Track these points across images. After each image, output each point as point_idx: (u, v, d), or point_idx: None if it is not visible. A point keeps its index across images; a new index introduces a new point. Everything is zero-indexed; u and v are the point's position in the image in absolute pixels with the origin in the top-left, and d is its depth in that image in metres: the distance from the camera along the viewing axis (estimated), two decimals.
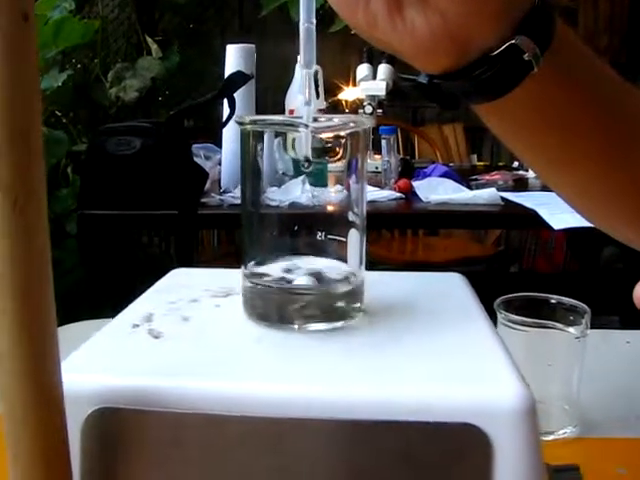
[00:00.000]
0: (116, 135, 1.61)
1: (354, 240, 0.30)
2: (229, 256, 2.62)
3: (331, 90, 2.72)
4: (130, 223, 1.74)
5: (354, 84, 2.24)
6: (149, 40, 3.00)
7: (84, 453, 0.23)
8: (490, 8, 0.40)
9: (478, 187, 1.76)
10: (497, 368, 0.25)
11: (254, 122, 0.29)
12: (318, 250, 0.30)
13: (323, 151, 0.28)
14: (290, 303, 0.29)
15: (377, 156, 2.04)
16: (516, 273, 3.48)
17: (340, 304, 0.30)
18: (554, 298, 0.58)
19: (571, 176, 0.52)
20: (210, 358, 0.27)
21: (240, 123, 0.29)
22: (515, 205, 1.58)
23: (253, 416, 0.22)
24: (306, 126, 0.27)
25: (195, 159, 1.71)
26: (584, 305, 0.57)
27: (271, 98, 2.62)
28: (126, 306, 0.33)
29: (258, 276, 0.30)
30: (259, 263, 0.31)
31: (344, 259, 0.31)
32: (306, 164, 0.27)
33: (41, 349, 0.21)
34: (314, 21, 0.33)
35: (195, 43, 3.66)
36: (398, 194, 1.72)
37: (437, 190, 1.68)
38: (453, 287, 0.36)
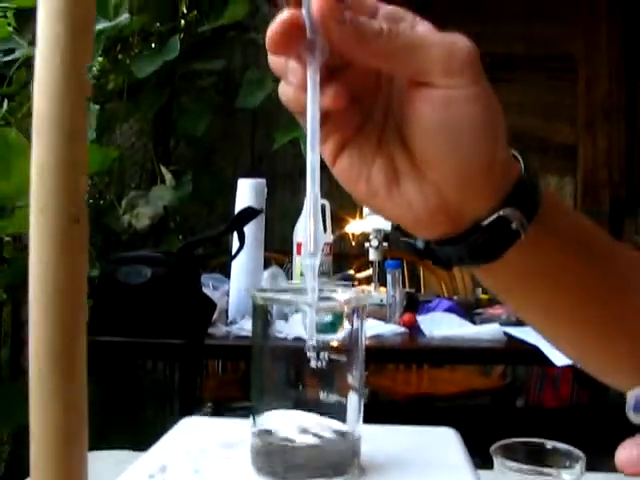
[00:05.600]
0: (128, 264, 1.66)
1: (353, 402, 0.32)
2: (233, 384, 2.61)
3: (338, 222, 2.80)
4: (138, 351, 1.76)
5: (361, 217, 2.30)
6: (163, 170, 3.11)
7: None
8: (480, 184, 0.44)
9: (482, 322, 1.78)
10: None
11: (264, 299, 0.32)
12: (321, 407, 0.33)
13: (325, 326, 0.32)
14: (293, 460, 0.32)
15: (382, 289, 2.07)
16: (522, 409, 3.43)
17: (338, 461, 0.32)
18: (549, 444, 0.60)
19: (563, 330, 0.55)
20: None
21: (253, 296, 0.33)
22: (518, 341, 1.60)
23: None
24: (310, 305, 0.30)
25: (204, 289, 1.75)
26: (579, 451, 0.58)
27: (280, 229, 2.70)
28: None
29: (266, 434, 0.33)
30: (266, 418, 0.33)
31: (343, 417, 0.33)
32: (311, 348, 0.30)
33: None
34: (319, 193, 0.37)
35: (207, 173, 3.79)
36: (402, 329, 1.74)
37: (441, 325, 1.71)
38: (445, 443, 0.38)
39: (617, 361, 0.56)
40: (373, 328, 1.71)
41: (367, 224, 2.19)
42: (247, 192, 1.80)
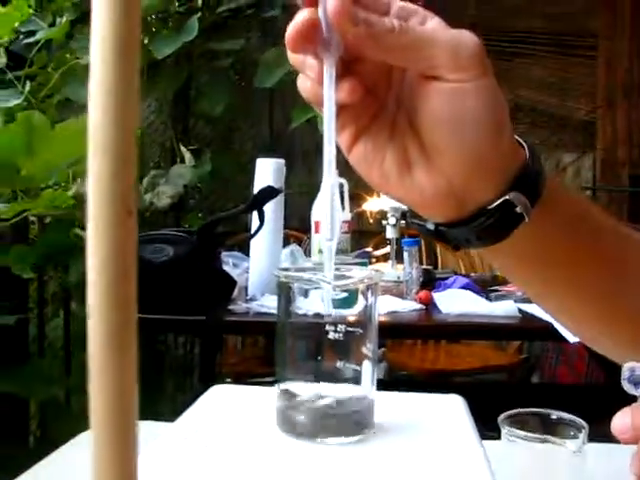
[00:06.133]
0: (150, 243, 1.70)
1: (367, 370, 0.36)
2: (252, 360, 2.66)
3: (356, 200, 2.82)
4: (160, 327, 1.80)
5: (379, 195, 2.33)
6: (183, 149, 3.14)
7: None
8: (487, 170, 0.47)
9: (497, 298, 1.81)
10: (473, 469, 0.31)
11: (287, 277, 0.36)
12: (339, 375, 0.36)
13: (342, 301, 0.35)
14: (314, 420, 0.35)
15: (399, 266, 2.10)
16: (537, 384, 3.47)
17: (355, 421, 0.36)
18: (555, 414, 0.63)
19: (564, 305, 0.58)
20: (249, 465, 0.33)
21: (277, 276, 0.36)
22: (532, 317, 1.62)
23: None
24: (328, 283, 0.34)
25: (224, 267, 1.79)
26: (582, 421, 0.62)
27: (298, 206, 2.73)
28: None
29: (289, 396, 0.37)
30: (289, 385, 0.37)
31: (358, 383, 0.37)
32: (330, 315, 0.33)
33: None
34: (336, 183, 0.40)
35: (226, 151, 3.82)
36: (419, 305, 1.77)
37: (457, 302, 1.74)
38: (452, 409, 0.41)
39: (615, 335, 0.59)
40: (390, 304, 1.75)
41: (385, 202, 2.21)
42: (266, 171, 1.83)
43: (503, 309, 1.66)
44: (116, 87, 0.24)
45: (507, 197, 0.47)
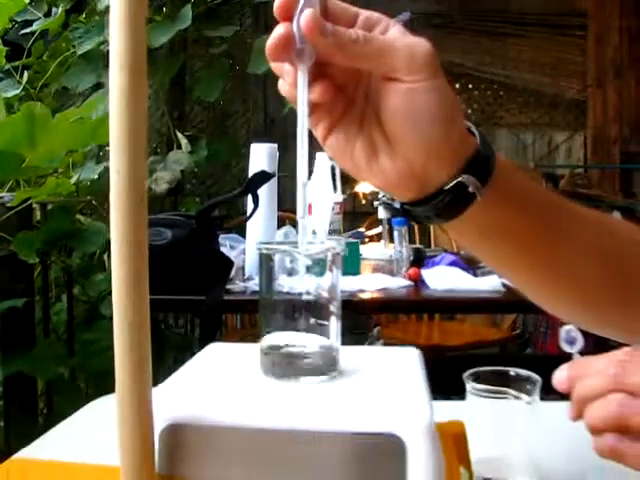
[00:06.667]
0: (150, 226, 1.77)
1: (333, 324, 0.45)
2: (251, 339, 2.75)
3: (350, 182, 2.90)
4: (161, 307, 1.88)
5: None
6: (179, 135, 3.21)
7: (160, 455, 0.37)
8: (441, 156, 0.54)
9: (483, 274, 1.89)
10: (415, 400, 0.40)
11: (267, 249, 0.44)
12: (310, 329, 0.45)
13: (314, 264, 0.43)
14: (290, 364, 0.44)
15: (391, 245, 2.18)
16: (527, 356, 3.56)
17: (322, 366, 0.45)
18: (513, 371, 0.72)
19: (519, 274, 0.67)
20: (244, 394, 0.43)
21: (259, 248, 0.44)
22: (515, 291, 1.70)
23: (273, 428, 0.38)
24: (300, 253, 0.42)
25: (222, 248, 1.87)
26: (537, 376, 0.70)
27: (292, 188, 2.80)
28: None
29: (270, 345, 0.45)
30: (271, 336, 0.46)
31: (327, 335, 0.45)
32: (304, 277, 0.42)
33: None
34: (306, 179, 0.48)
35: (222, 136, 3.88)
36: (408, 282, 1.85)
37: (444, 278, 1.82)
38: (407, 358, 0.50)
39: (561, 297, 0.68)
40: (381, 281, 1.83)
41: (382, 190, 2.27)
42: (260, 156, 1.89)
43: (488, 284, 1.74)
44: (130, 104, 0.32)
45: (460, 179, 0.55)
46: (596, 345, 1.05)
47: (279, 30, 0.49)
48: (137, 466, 0.35)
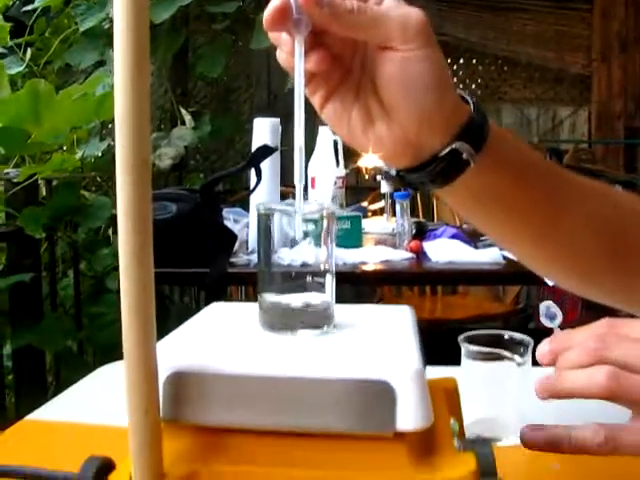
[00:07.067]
0: (154, 201, 1.79)
1: (328, 281, 0.47)
2: None
3: (352, 156, 2.91)
4: (167, 280, 1.91)
5: None
6: (183, 111, 3.22)
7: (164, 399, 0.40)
8: (435, 123, 0.56)
9: (485, 247, 1.91)
10: (404, 350, 0.42)
11: (265, 208, 0.46)
12: (308, 287, 0.47)
13: (310, 223, 0.46)
14: (288, 318, 0.46)
15: (394, 219, 2.19)
16: (530, 329, 3.59)
17: (318, 318, 0.47)
18: (507, 334, 0.74)
19: (514, 240, 0.69)
20: (243, 345, 0.45)
21: (257, 209, 0.46)
22: (515, 263, 1.72)
23: (270, 376, 0.40)
24: (296, 212, 0.44)
25: (225, 222, 1.89)
26: (529, 338, 0.73)
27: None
28: None
29: (268, 300, 0.48)
30: (269, 294, 0.48)
31: (323, 291, 0.48)
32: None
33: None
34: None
35: (225, 112, 3.89)
36: (410, 254, 1.87)
37: (445, 250, 1.84)
38: (399, 314, 0.52)
39: (559, 265, 0.69)
40: (383, 254, 1.85)
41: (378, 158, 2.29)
42: (263, 130, 1.90)
43: (488, 256, 1.76)
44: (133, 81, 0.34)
45: (454, 146, 0.57)
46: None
47: (276, 1, 0.51)
48: (143, 411, 0.37)
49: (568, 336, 0.52)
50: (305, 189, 0.46)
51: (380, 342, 0.45)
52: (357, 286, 2.90)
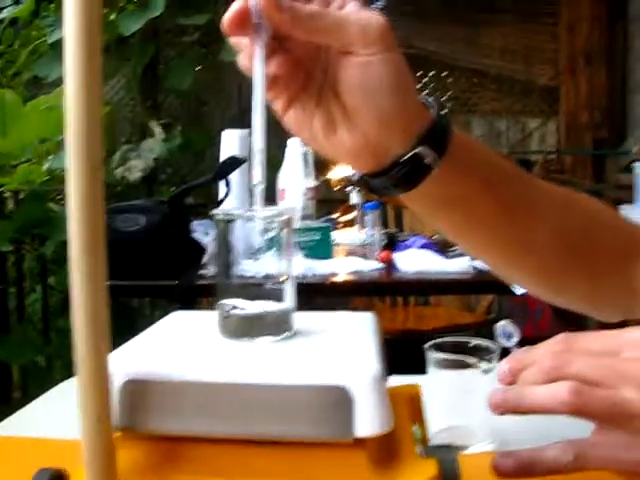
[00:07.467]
0: (123, 212, 1.78)
1: (287, 287, 0.46)
2: None
3: (323, 168, 2.90)
4: (135, 292, 1.89)
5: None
6: (153, 123, 3.20)
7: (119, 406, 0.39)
8: (396, 128, 0.56)
9: (455, 256, 1.91)
10: (363, 356, 0.42)
11: (225, 214, 0.45)
12: (268, 294, 0.46)
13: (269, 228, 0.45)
14: (247, 326, 0.46)
15: (364, 229, 2.19)
16: None
17: (277, 325, 0.46)
18: (473, 341, 0.74)
19: (477, 246, 0.68)
20: (201, 352, 0.45)
21: (215, 214, 0.46)
22: (484, 272, 1.73)
23: (227, 382, 0.40)
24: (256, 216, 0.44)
25: (196, 234, 1.87)
26: (495, 345, 0.73)
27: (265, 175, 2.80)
28: None
29: (227, 311, 0.47)
30: (228, 301, 0.47)
31: (282, 298, 0.47)
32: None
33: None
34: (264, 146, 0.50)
35: (196, 125, 3.88)
36: (380, 265, 1.88)
37: (414, 260, 1.84)
38: (362, 321, 0.52)
39: (523, 270, 0.69)
40: (354, 264, 1.85)
41: (348, 169, 2.29)
42: (232, 142, 1.90)
43: (458, 266, 1.77)
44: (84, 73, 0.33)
45: (416, 151, 0.56)
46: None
47: (236, 5, 0.51)
48: (95, 419, 0.36)
49: (526, 355, 0.51)
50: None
51: (339, 348, 0.44)
52: (329, 298, 2.89)
